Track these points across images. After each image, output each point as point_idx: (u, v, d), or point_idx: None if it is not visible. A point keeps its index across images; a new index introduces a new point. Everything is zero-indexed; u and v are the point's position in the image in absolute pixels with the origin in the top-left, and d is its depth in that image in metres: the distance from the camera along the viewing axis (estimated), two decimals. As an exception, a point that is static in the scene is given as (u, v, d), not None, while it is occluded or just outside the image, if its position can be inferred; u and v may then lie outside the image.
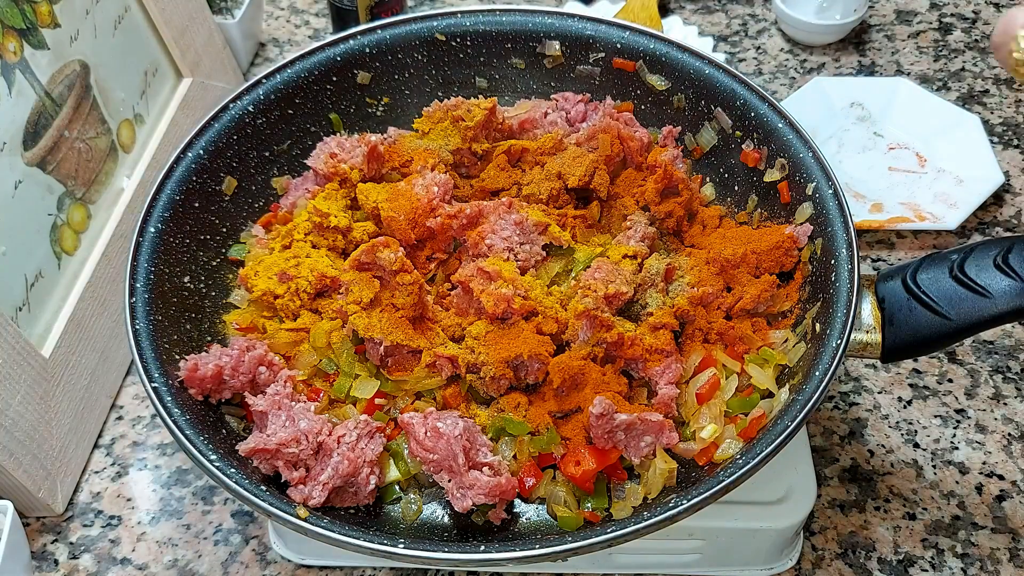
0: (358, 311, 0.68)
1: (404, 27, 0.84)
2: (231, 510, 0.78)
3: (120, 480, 0.80)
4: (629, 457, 0.64)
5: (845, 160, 1.03)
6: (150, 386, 0.63)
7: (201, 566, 0.75)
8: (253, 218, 0.80)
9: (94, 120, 0.85)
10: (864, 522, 0.77)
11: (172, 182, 0.74)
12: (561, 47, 0.85)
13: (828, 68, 1.14)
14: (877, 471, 0.80)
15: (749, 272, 0.72)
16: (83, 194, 0.83)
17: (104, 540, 0.77)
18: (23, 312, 0.75)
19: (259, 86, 0.80)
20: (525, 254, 0.71)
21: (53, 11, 0.80)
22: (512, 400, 0.67)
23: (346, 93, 0.85)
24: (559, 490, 0.64)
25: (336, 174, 0.76)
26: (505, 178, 0.78)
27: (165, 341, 0.67)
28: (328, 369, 0.69)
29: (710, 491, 0.56)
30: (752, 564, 0.73)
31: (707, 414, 0.66)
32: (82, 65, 0.83)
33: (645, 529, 0.56)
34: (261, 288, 0.71)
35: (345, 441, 0.63)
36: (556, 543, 0.56)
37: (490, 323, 0.67)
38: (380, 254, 0.67)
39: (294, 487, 0.62)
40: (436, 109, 0.81)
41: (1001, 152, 1.05)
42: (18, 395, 0.72)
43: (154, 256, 0.70)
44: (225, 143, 0.78)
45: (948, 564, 0.74)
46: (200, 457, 0.59)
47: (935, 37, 1.19)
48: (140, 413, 0.85)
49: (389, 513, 0.65)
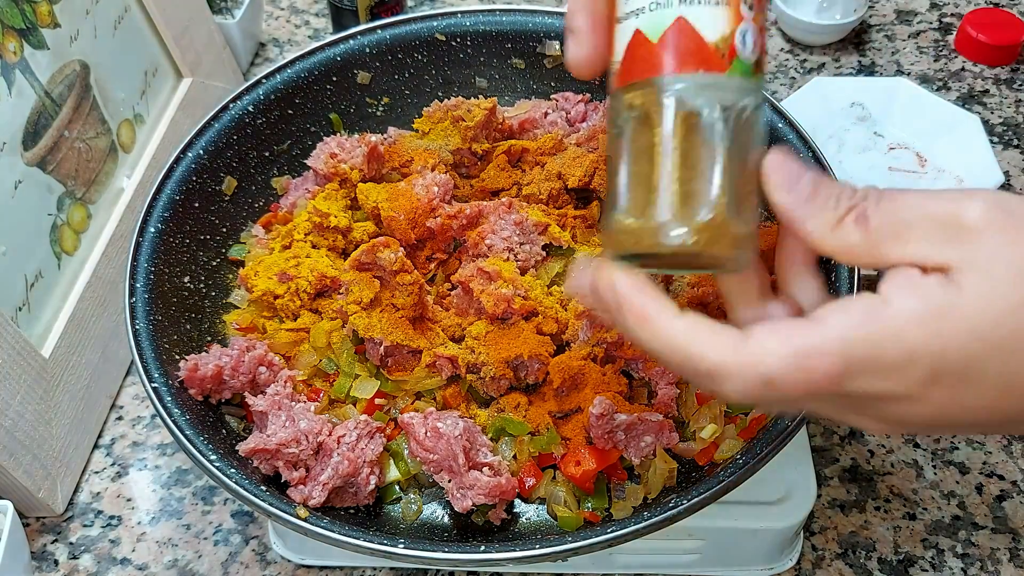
0: (358, 311, 0.68)
1: (404, 27, 0.84)
2: (231, 510, 0.78)
3: (120, 480, 0.80)
4: (629, 457, 0.64)
5: (845, 160, 1.03)
6: (150, 386, 0.63)
7: (201, 566, 0.75)
8: (253, 218, 0.80)
9: (94, 120, 0.85)
10: (864, 522, 0.77)
11: (172, 182, 0.74)
12: (562, 47, 0.84)
13: (828, 68, 1.14)
14: (877, 471, 0.80)
15: (749, 272, 0.72)
16: (83, 194, 0.83)
17: (104, 540, 0.77)
18: (23, 312, 0.75)
19: (259, 86, 0.80)
20: (525, 254, 0.71)
21: (53, 11, 0.80)
22: (512, 400, 0.67)
23: (346, 93, 0.85)
24: (559, 490, 0.64)
25: (336, 174, 0.76)
26: (505, 178, 0.78)
27: (165, 341, 0.67)
28: (328, 369, 0.69)
29: (710, 491, 0.56)
30: (752, 564, 0.73)
31: (707, 414, 0.66)
32: (82, 65, 0.83)
33: (645, 529, 0.56)
34: (261, 288, 0.71)
35: (345, 441, 0.63)
36: (556, 543, 0.56)
37: (490, 323, 0.67)
38: (380, 254, 0.67)
39: (294, 487, 0.62)
40: (436, 109, 0.81)
41: (1001, 152, 1.05)
42: (18, 395, 0.72)
43: (154, 256, 0.70)
44: (225, 143, 0.78)
45: (948, 564, 0.74)
46: (200, 457, 0.59)
47: (935, 37, 1.19)
48: (140, 413, 0.85)
49: (389, 513, 0.65)
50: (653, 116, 0.42)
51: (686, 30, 0.42)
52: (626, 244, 0.43)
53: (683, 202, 0.41)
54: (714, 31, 0.42)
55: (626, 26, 0.44)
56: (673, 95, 0.41)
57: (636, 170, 0.43)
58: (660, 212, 0.41)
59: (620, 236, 0.43)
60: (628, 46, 0.43)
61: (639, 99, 0.42)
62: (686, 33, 0.42)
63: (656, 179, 0.41)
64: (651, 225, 0.42)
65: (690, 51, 0.42)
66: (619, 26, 0.44)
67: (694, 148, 0.41)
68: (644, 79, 0.42)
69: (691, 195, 0.41)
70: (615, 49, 0.45)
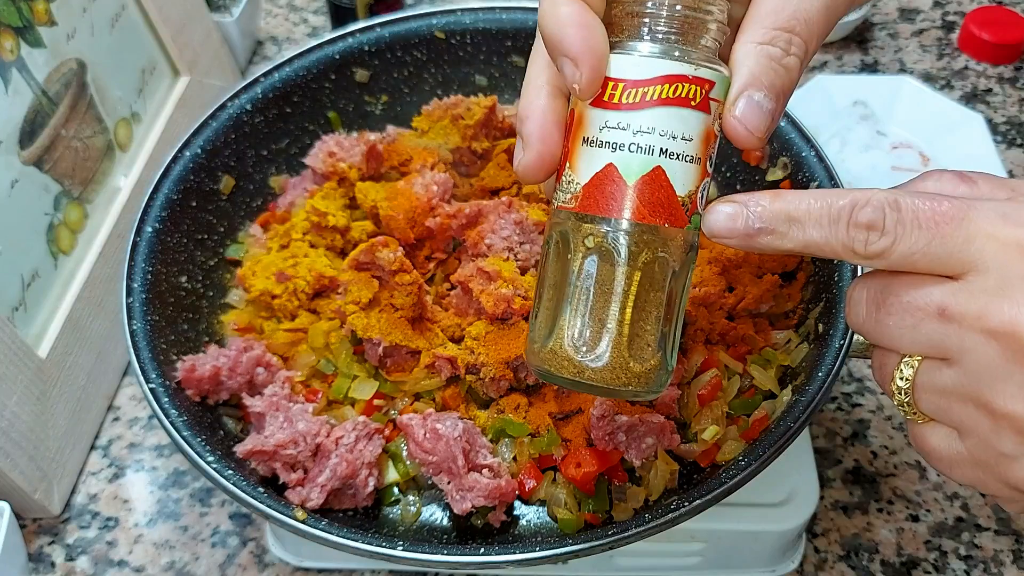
0: (356, 311, 0.67)
1: (403, 25, 0.84)
2: (229, 512, 0.78)
3: (117, 482, 0.80)
4: (630, 459, 0.64)
5: (848, 159, 1.03)
6: (147, 387, 0.63)
7: (198, 568, 0.75)
8: (251, 217, 0.79)
9: (91, 119, 0.84)
10: (867, 524, 0.76)
11: (169, 181, 0.73)
12: (561, 45, 0.84)
13: (831, 66, 1.14)
14: (880, 472, 0.79)
15: (751, 272, 0.71)
16: (80, 193, 0.83)
17: (101, 542, 0.76)
18: (19, 312, 0.75)
19: (257, 84, 0.79)
20: (525, 254, 0.71)
21: (50, 9, 0.79)
22: (512, 401, 0.66)
23: (344, 91, 0.84)
24: (559, 492, 0.64)
25: (335, 173, 0.76)
26: (505, 177, 0.78)
27: (162, 342, 0.67)
28: (326, 370, 0.69)
29: (712, 493, 0.56)
30: (754, 567, 0.72)
31: (709, 415, 0.65)
32: (79, 63, 0.83)
33: (646, 531, 0.55)
34: (259, 288, 0.71)
35: (343, 443, 0.62)
36: (556, 545, 0.56)
37: (490, 323, 0.67)
38: (379, 254, 0.67)
39: (292, 489, 0.61)
40: (435, 107, 0.81)
41: (1005, 151, 1.04)
42: (14, 396, 0.71)
43: (151, 256, 0.70)
44: (223, 142, 0.77)
45: (951, 566, 0.74)
46: (197, 459, 0.59)
47: (938, 35, 1.18)
48: (137, 414, 0.84)
49: (388, 515, 0.65)
50: (611, 256, 0.44)
51: (661, 182, 0.43)
52: (550, 365, 0.45)
53: (629, 342, 0.44)
54: (684, 186, 0.44)
55: (597, 154, 0.44)
56: (637, 243, 0.43)
57: (581, 302, 0.45)
58: (601, 346, 0.44)
59: (547, 356, 0.45)
60: (597, 176, 0.44)
61: (600, 235, 0.44)
62: (661, 185, 0.43)
63: (605, 315, 0.44)
64: (597, 357, 0.44)
65: (661, 203, 0.43)
66: (586, 147, 0.44)
67: (643, 293, 0.44)
68: (609, 217, 0.43)
69: (637, 336, 0.44)
70: (576, 167, 0.45)
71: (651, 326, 0.45)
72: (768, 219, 0.42)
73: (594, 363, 0.44)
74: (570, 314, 0.45)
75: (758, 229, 0.42)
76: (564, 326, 0.45)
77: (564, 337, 0.45)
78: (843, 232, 0.41)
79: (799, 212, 0.42)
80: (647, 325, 0.45)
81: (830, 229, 0.41)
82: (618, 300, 0.44)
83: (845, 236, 0.41)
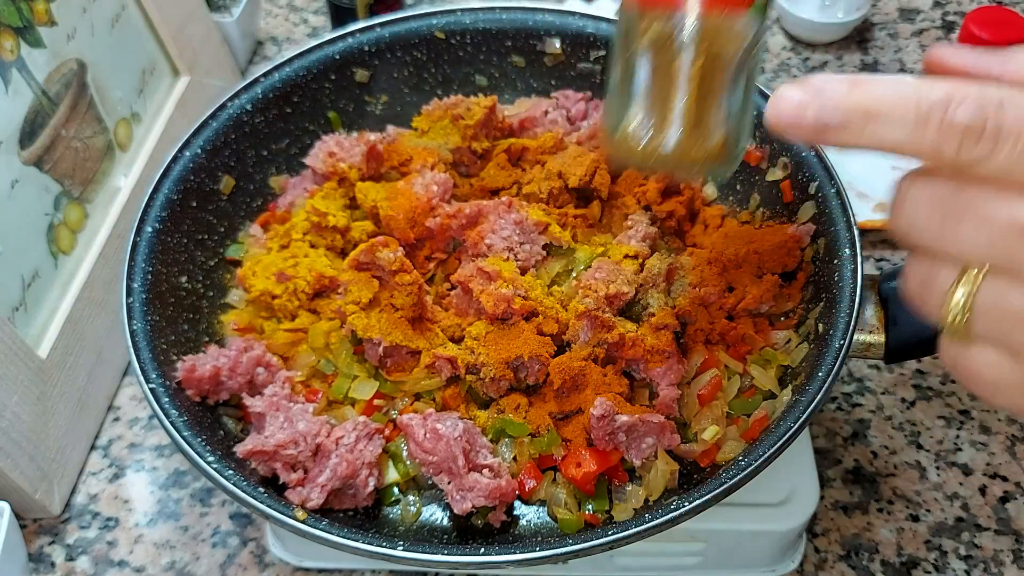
0: (357, 311, 0.67)
1: (403, 25, 0.84)
2: (229, 512, 0.78)
3: (117, 482, 0.80)
4: (630, 459, 0.64)
5: (848, 159, 1.02)
6: (147, 387, 0.63)
7: (199, 568, 0.75)
8: (251, 217, 0.79)
9: (91, 119, 0.84)
10: (867, 524, 0.76)
11: (169, 181, 0.73)
12: (562, 45, 0.84)
13: (831, 66, 1.14)
14: (880, 472, 0.79)
15: (752, 272, 0.71)
16: (80, 193, 0.83)
17: (101, 542, 0.76)
18: (19, 312, 0.75)
19: (257, 84, 0.79)
20: (525, 254, 0.71)
21: (50, 9, 0.79)
22: (512, 401, 0.66)
23: (344, 91, 0.84)
24: (560, 492, 0.64)
25: (335, 173, 0.76)
26: (505, 177, 0.78)
27: (162, 342, 0.67)
28: (326, 370, 0.69)
29: (712, 493, 0.56)
30: (754, 566, 0.72)
31: (709, 415, 0.65)
32: (79, 63, 0.83)
33: (647, 531, 0.55)
34: (259, 288, 0.71)
35: (343, 443, 0.62)
36: (556, 545, 0.56)
37: (490, 323, 0.67)
38: (379, 254, 0.67)
39: (292, 489, 0.61)
40: (435, 107, 0.81)
41: (1004, 151, 1.04)
42: (15, 396, 0.71)
43: (151, 256, 0.70)
44: (223, 142, 0.77)
45: (952, 566, 0.74)
46: (198, 459, 0.59)
47: (938, 35, 1.18)
48: (137, 414, 0.84)
49: (388, 515, 0.65)
50: (673, 47, 0.45)
51: None
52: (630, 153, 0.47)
53: (696, 124, 0.45)
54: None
55: None
56: (700, 32, 0.44)
57: (648, 88, 0.46)
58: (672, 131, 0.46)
59: (626, 144, 0.47)
60: None
61: (662, 27, 0.45)
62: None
63: (670, 101, 0.45)
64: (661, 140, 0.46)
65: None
66: None
67: (707, 77, 0.45)
68: (672, 10, 0.44)
69: (702, 120, 0.45)
70: None
71: (715, 107, 0.46)
72: (844, 112, 0.36)
73: (664, 146, 0.46)
74: (640, 101, 0.46)
75: (829, 123, 0.37)
76: (634, 114, 0.46)
77: (633, 123, 0.46)
78: (932, 135, 0.35)
79: (882, 107, 0.36)
80: (711, 107, 0.46)
81: (916, 130, 0.36)
82: (682, 86, 0.45)
83: (934, 140, 0.35)
